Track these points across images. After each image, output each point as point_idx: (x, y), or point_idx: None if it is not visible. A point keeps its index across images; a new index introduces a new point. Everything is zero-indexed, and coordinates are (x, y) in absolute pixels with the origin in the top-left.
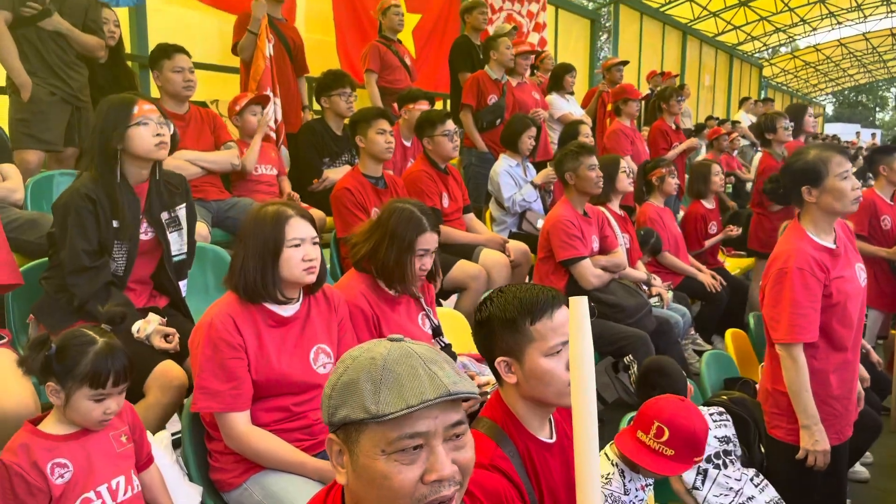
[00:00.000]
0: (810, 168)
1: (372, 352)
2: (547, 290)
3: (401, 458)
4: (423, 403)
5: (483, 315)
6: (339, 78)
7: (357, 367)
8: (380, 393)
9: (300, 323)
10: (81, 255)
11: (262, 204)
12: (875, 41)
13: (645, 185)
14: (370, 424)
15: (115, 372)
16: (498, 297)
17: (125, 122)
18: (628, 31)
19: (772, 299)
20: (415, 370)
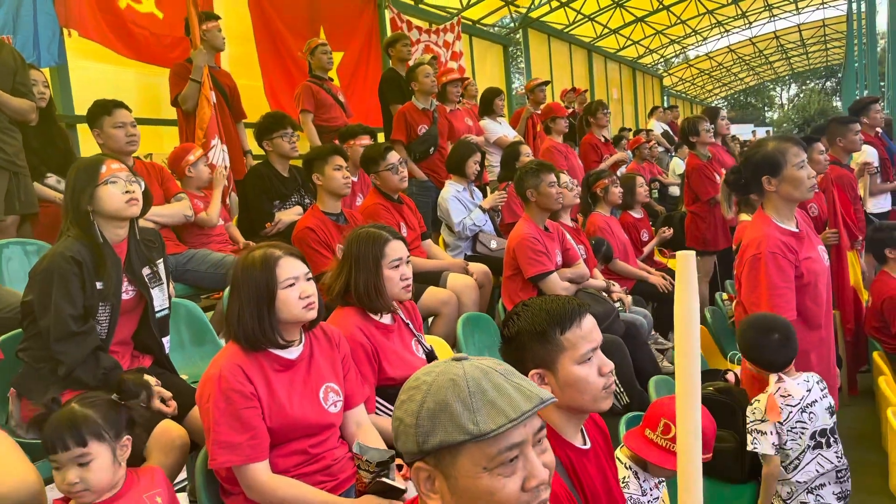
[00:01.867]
0: (769, 159)
1: (447, 374)
2: (570, 299)
3: (503, 471)
4: (523, 415)
5: (512, 330)
6: (279, 120)
7: (439, 391)
8: (476, 412)
9: (305, 364)
10: (68, 321)
11: (247, 250)
12: (761, 45)
13: (590, 197)
14: (468, 445)
15: (59, 439)
16: (524, 312)
17: (93, 182)
18: (538, 53)
19: (748, 285)
20: (501, 385)
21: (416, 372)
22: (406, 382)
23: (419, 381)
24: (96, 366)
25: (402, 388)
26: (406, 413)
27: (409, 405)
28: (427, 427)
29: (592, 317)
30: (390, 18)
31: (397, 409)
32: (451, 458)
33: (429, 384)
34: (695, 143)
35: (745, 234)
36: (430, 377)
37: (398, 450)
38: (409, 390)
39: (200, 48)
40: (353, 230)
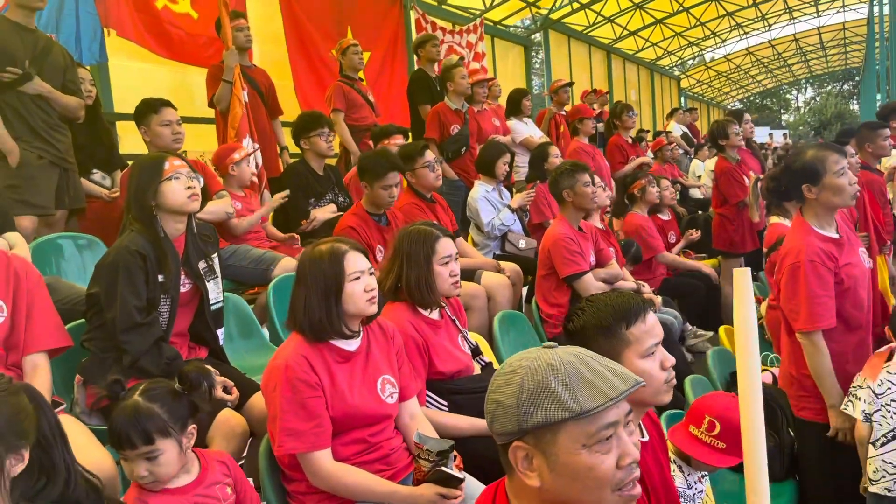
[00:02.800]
0: (809, 167)
1: (543, 359)
2: (634, 296)
3: (601, 448)
4: (621, 394)
5: (577, 325)
6: (316, 119)
7: (538, 374)
8: (577, 392)
9: (363, 356)
10: (133, 312)
11: (314, 244)
12: (780, 48)
13: (627, 198)
14: (568, 423)
15: (125, 436)
16: (589, 307)
17: (157, 178)
18: (558, 54)
19: (789, 292)
20: (596, 368)
21: (509, 359)
22: (500, 369)
23: (515, 367)
24: (159, 356)
25: (497, 374)
26: (505, 395)
27: (508, 388)
28: (528, 407)
29: (654, 314)
30: (415, 19)
31: (493, 394)
32: (551, 435)
33: (526, 368)
34: (724, 146)
35: (785, 242)
36: (526, 362)
37: (493, 432)
38: (506, 375)
39: (231, 48)
40: (404, 228)
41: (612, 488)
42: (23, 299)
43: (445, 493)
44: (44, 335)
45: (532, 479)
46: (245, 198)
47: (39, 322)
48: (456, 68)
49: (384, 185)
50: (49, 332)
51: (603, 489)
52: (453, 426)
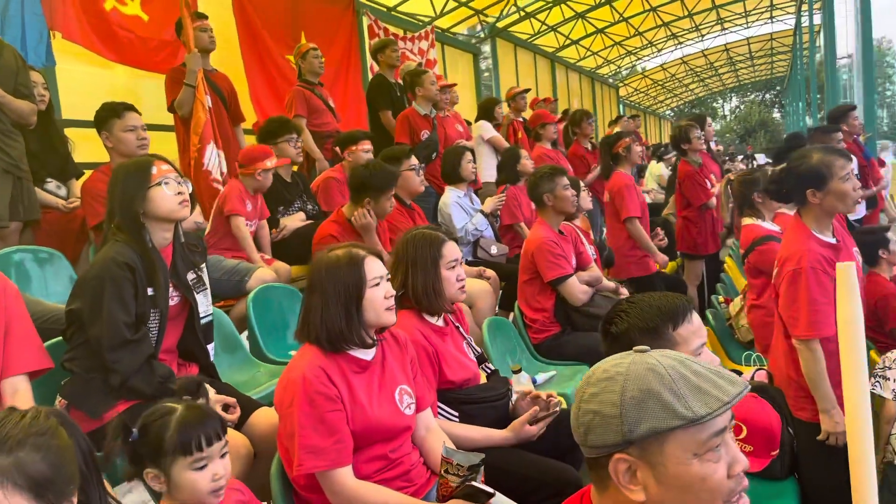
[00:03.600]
0: (815, 171)
1: (641, 364)
2: (677, 296)
3: (711, 456)
4: (734, 398)
5: (620, 328)
6: (284, 124)
7: (640, 380)
8: (686, 397)
9: (379, 366)
10: (122, 329)
11: (327, 249)
12: (712, 57)
13: (612, 158)
14: (676, 431)
15: (204, 433)
16: (632, 309)
17: (145, 184)
18: (505, 62)
19: (788, 298)
20: (700, 371)
21: (599, 365)
22: (589, 376)
23: (611, 373)
24: (152, 374)
25: (586, 382)
26: (603, 404)
27: (606, 396)
28: (634, 416)
29: (696, 314)
30: (368, 25)
31: (586, 403)
32: (658, 445)
33: (624, 374)
34: (686, 150)
35: (784, 246)
36: (622, 368)
37: (586, 445)
38: (600, 382)
39: (194, 51)
40: (407, 232)
41: (724, 499)
42: (1, 317)
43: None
44: (24, 356)
45: (636, 494)
46: (257, 204)
47: (19, 342)
48: (425, 74)
49: (389, 197)
50: (30, 353)
51: (715, 500)
52: (467, 437)
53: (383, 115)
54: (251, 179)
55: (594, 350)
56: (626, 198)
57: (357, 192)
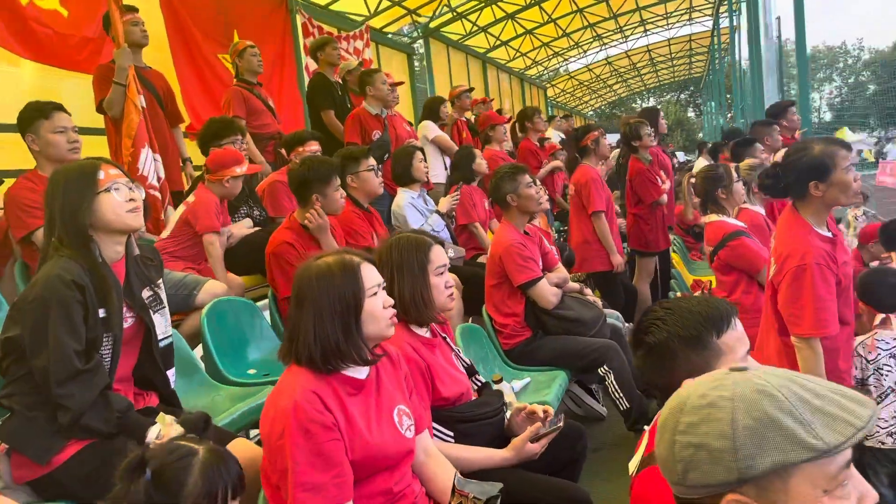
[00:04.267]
0: (818, 163)
1: (748, 385)
2: (719, 300)
3: (842, 492)
4: (866, 423)
5: (658, 338)
6: (227, 125)
7: (753, 405)
8: (811, 425)
9: (374, 385)
10: (73, 358)
11: (313, 257)
12: (635, 58)
13: (579, 151)
14: (802, 465)
15: (231, 483)
16: (671, 316)
17: (92, 190)
18: (438, 62)
19: (791, 296)
20: (819, 392)
21: (693, 389)
22: (680, 403)
23: (711, 398)
24: (108, 409)
25: (678, 409)
26: (709, 436)
27: (713, 426)
28: (751, 448)
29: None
30: (301, 23)
31: (684, 435)
32: (781, 482)
33: (730, 399)
34: (637, 148)
35: (783, 242)
36: (724, 391)
37: (688, 483)
38: (699, 410)
39: (124, 47)
40: (391, 237)
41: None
42: None
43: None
44: None
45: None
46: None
47: None
48: (377, 73)
49: (337, 187)
50: None
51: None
52: (466, 459)
53: (325, 115)
54: (219, 187)
55: (568, 354)
56: (592, 192)
57: (302, 193)
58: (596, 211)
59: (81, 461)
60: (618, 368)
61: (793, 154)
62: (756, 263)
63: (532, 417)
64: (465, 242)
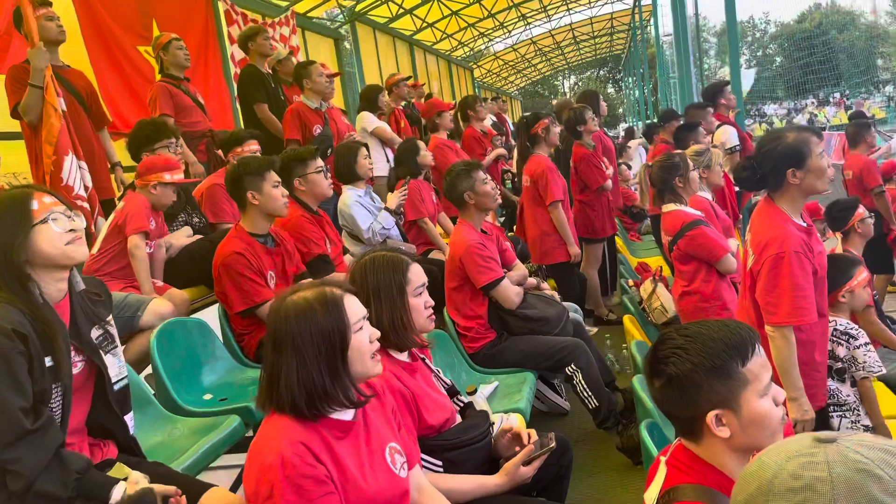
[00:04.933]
0: (794, 150)
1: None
2: (738, 324)
3: None
4: None
5: (680, 369)
6: (160, 128)
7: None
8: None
9: (361, 425)
10: (20, 418)
11: (286, 294)
12: (559, 37)
13: (529, 140)
14: None
15: None
16: (692, 345)
17: (26, 222)
18: (366, 46)
19: (768, 284)
20: None
21: (778, 466)
22: (769, 482)
23: (805, 480)
24: (64, 470)
25: (768, 490)
26: None
27: None
28: None
29: None
30: (224, 11)
31: None
32: None
33: (829, 481)
34: (581, 133)
35: (760, 231)
36: (820, 471)
37: None
38: (792, 494)
39: (39, 45)
40: (364, 257)
41: None
42: None
43: None
44: None
45: None
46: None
47: None
48: (312, 65)
49: (274, 183)
50: None
51: None
52: (459, 491)
53: (259, 109)
54: (147, 193)
55: (534, 355)
56: (549, 182)
57: (237, 193)
58: (554, 201)
59: None
60: (585, 367)
61: (766, 144)
62: (715, 252)
63: (518, 439)
64: (415, 238)
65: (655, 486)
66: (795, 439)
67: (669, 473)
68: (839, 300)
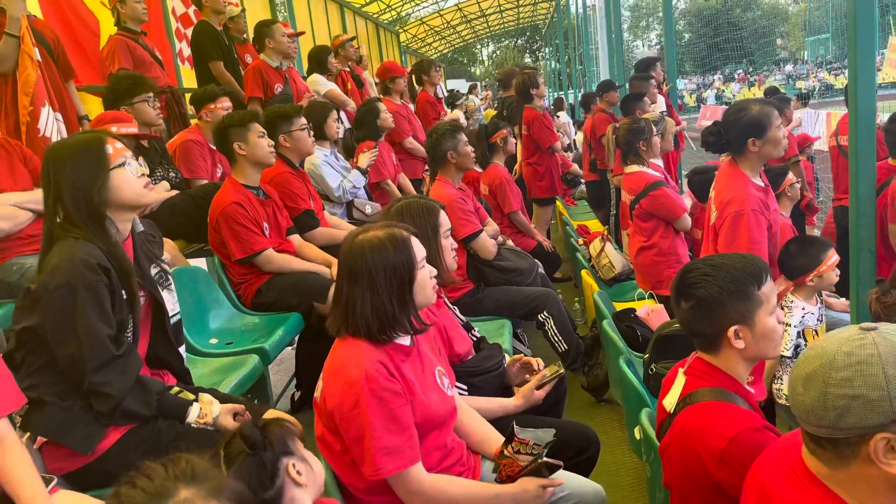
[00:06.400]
0: (756, 122)
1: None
2: (753, 256)
3: None
4: None
5: (710, 291)
6: (138, 81)
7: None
8: None
9: (416, 350)
10: (107, 344)
11: (358, 232)
12: (484, 4)
13: (488, 148)
14: None
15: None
16: (718, 273)
17: (104, 167)
18: (299, 6)
19: (728, 238)
20: None
21: (835, 347)
22: (830, 359)
23: (860, 356)
24: (145, 391)
25: (829, 366)
26: (864, 387)
27: (868, 379)
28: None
29: None
30: None
31: (840, 388)
32: None
33: (878, 356)
34: (533, 96)
35: (722, 190)
36: (870, 349)
37: (841, 426)
38: (851, 367)
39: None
40: (399, 202)
41: None
42: None
43: (547, 483)
44: (4, 395)
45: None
46: None
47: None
48: (274, 24)
49: (259, 133)
50: (7, 391)
51: None
52: (485, 409)
53: (215, 67)
54: None
55: (510, 303)
56: (507, 192)
57: (224, 146)
58: (513, 211)
59: (126, 447)
60: (556, 314)
61: (732, 114)
62: (675, 211)
63: (526, 367)
64: (379, 199)
65: (674, 393)
66: (845, 330)
67: (689, 381)
68: (806, 283)
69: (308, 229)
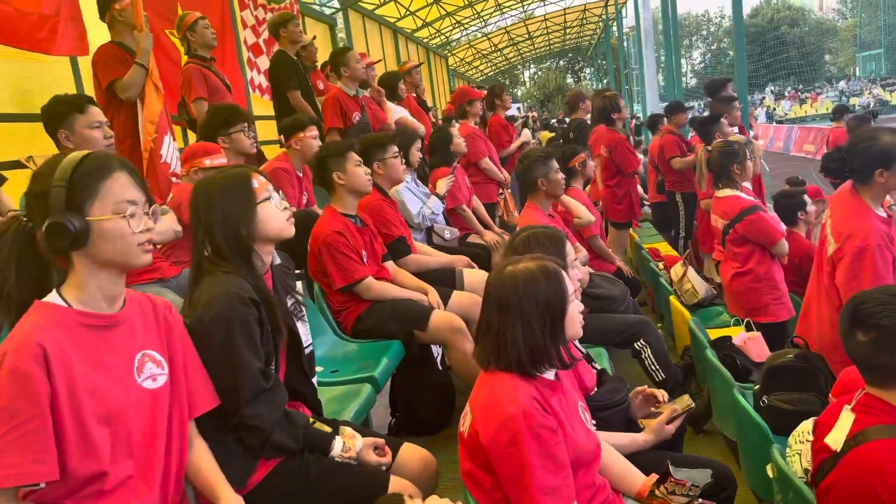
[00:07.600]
0: (886, 153)
1: None
2: None
3: None
4: None
5: (893, 321)
6: (235, 112)
7: None
8: None
9: (561, 384)
10: (259, 378)
11: (507, 262)
12: (532, 27)
13: (566, 173)
14: None
15: None
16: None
17: (252, 200)
18: (357, 33)
19: (850, 274)
20: None
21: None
22: None
23: None
24: (292, 424)
25: None
26: None
27: None
28: None
29: None
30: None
31: None
32: None
33: None
34: (615, 120)
35: (845, 222)
36: None
37: None
38: None
39: (146, 30)
40: (524, 232)
41: None
42: (178, 351)
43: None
44: (199, 394)
45: None
46: None
47: (195, 378)
48: (349, 52)
49: (356, 162)
50: (205, 390)
51: None
52: (617, 444)
53: (293, 97)
54: (189, 181)
55: (606, 331)
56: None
57: (323, 177)
58: (592, 235)
59: (276, 481)
60: (653, 343)
61: (860, 143)
62: (773, 236)
63: (650, 399)
64: (454, 224)
65: (840, 431)
66: None
67: (858, 418)
68: None
69: (401, 256)
